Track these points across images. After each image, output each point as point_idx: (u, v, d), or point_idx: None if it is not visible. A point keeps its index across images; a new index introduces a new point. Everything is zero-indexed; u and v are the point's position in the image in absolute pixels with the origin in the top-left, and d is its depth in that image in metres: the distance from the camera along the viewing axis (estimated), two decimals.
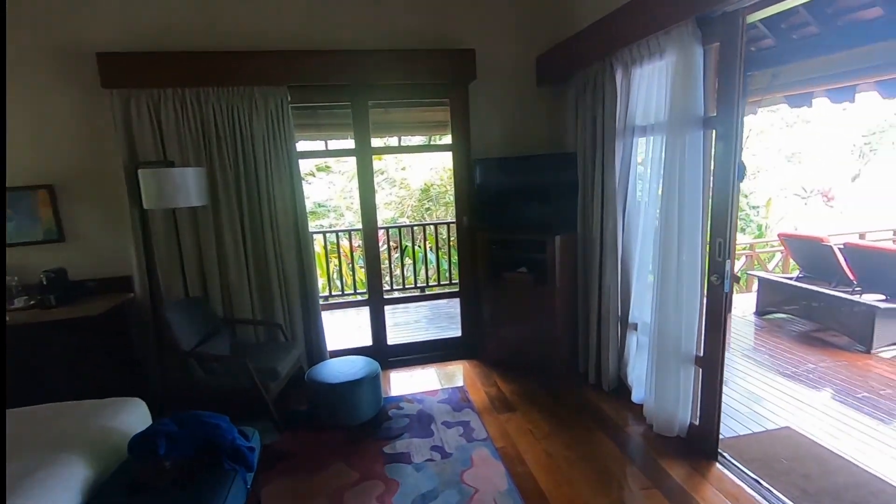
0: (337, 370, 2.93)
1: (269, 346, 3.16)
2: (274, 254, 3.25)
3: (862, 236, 7.26)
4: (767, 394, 3.14)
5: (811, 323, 4.37)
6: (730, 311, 2.37)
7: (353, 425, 2.82)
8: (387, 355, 3.82)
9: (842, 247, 4.29)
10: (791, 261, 5.78)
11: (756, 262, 6.43)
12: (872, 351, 3.70)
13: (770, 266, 6.26)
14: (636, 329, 3.00)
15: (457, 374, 3.60)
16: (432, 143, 5.08)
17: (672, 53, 2.40)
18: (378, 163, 7.58)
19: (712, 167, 2.31)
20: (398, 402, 3.15)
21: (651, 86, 2.66)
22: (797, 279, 4.70)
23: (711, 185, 2.31)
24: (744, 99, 2.17)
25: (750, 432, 2.68)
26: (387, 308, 3.85)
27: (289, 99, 3.18)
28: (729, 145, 2.20)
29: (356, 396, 2.81)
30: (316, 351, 3.48)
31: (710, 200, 2.33)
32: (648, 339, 2.76)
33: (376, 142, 3.85)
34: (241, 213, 3.18)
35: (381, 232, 5.98)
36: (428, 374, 3.61)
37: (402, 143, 6.14)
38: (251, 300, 3.27)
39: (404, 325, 4.84)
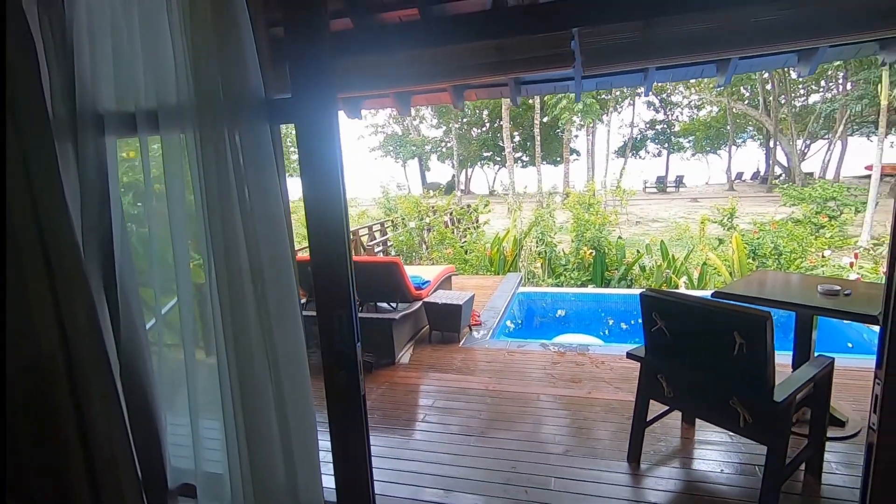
0: None
1: None
2: None
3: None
4: None
5: None
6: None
7: None
8: None
9: None
10: None
11: None
12: (396, 361, 3.84)
13: None
14: (195, 496, 1.60)
15: None
16: None
17: None
18: None
19: (300, 187, 1.31)
20: None
21: (132, 32, 1.31)
22: (305, 305, 4.42)
23: (306, 221, 1.32)
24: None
25: None
26: None
27: None
28: (328, 147, 1.26)
29: None
30: None
31: (310, 251, 1.33)
32: None
33: None
34: None
35: None
36: None
37: None
38: None
39: None
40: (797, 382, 1.90)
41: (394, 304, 4.23)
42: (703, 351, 2.08)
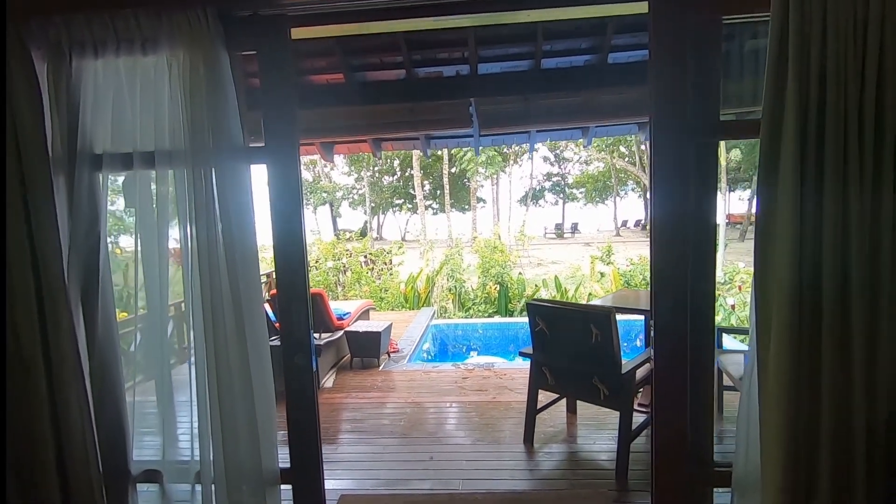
0: None
1: None
2: None
3: None
4: None
5: None
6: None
7: None
8: None
9: None
10: None
11: None
12: (320, 386, 4.11)
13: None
14: (161, 480, 1.84)
15: None
16: None
17: (175, 48, 1.63)
18: None
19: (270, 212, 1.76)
20: None
21: (132, 94, 1.70)
22: None
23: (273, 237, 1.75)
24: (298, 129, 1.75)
25: None
26: None
27: None
28: (289, 182, 1.73)
29: None
30: None
31: (275, 260, 1.76)
32: (193, 488, 1.80)
33: None
34: None
35: None
36: None
37: None
38: None
39: None
40: (635, 361, 2.59)
41: (317, 335, 4.52)
42: (571, 343, 2.72)
